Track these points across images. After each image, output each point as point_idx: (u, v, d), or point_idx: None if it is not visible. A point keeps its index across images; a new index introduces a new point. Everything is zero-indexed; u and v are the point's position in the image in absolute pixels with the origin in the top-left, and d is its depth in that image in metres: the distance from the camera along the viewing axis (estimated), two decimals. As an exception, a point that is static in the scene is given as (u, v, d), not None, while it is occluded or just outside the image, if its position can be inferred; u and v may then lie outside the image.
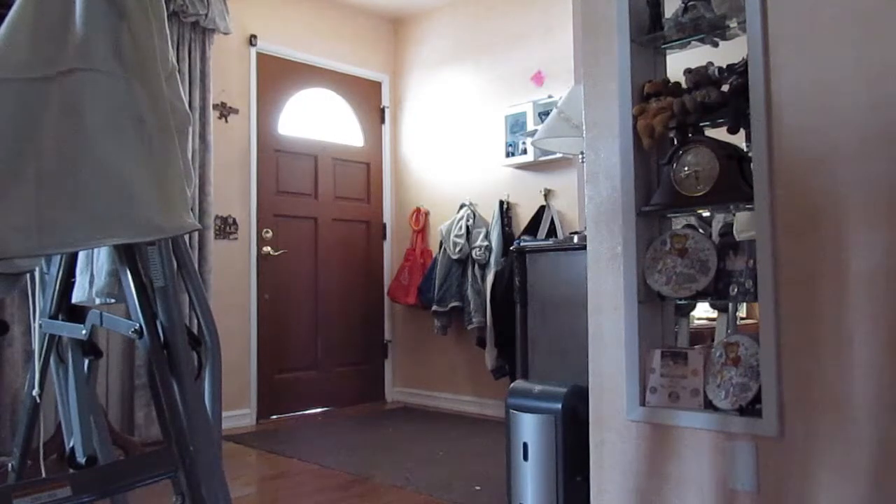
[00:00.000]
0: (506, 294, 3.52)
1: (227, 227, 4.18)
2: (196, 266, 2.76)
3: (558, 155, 3.83)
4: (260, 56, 4.39)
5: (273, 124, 4.49)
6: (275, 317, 4.42)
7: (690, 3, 1.87)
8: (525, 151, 4.24)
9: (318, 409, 4.61)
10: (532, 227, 4.11)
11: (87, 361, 1.47)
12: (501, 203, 4.35)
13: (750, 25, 1.73)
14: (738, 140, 1.85)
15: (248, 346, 4.28)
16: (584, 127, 2.11)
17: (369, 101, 5.03)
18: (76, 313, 1.42)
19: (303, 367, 4.58)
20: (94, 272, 1.30)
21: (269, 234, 4.40)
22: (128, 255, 1.18)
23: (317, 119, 4.77)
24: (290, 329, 4.52)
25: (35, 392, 1.44)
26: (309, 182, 4.67)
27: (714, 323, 2.75)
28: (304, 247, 4.60)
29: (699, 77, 1.84)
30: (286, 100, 4.58)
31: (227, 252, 4.16)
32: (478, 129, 4.58)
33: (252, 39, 4.33)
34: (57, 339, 1.45)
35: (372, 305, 4.96)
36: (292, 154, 4.59)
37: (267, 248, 4.38)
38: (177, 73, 1.24)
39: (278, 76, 4.50)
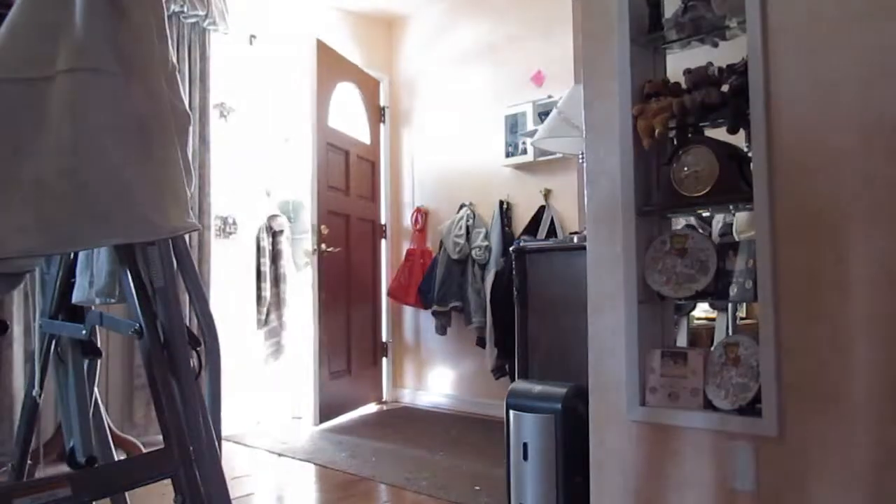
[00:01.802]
0: (506, 294, 3.52)
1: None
2: (197, 265, 2.75)
3: (558, 155, 3.83)
4: (321, 45, 4.30)
5: (324, 118, 4.35)
6: (327, 318, 4.30)
7: (690, 3, 1.87)
8: (525, 151, 4.24)
9: (357, 410, 4.55)
10: (532, 227, 4.11)
11: (86, 361, 1.48)
12: (501, 203, 4.35)
13: (750, 25, 1.73)
14: (738, 140, 1.85)
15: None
16: (584, 127, 2.11)
17: (370, 99, 5.02)
18: (76, 313, 1.42)
19: (342, 370, 4.46)
20: (94, 272, 1.30)
21: (326, 231, 4.27)
22: (128, 255, 1.18)
23: (345, 114, 4.67)
24: (338, 330, 4.41)
25: (35, 392, 1.44)
26: (342, 178, 4.56)
27: (714, 323, 2.75)
28: (341, 244, 4.48)
29: (699, 77, 1.84)
30: (331, 92, 4.45)
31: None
32: (478, 129, 4.58)
33: (251, 39, 4.33)
34: (57, 338, 1.45)
35: (372, 305, 4.94)
36: (336, 149, 4.47)
37: (323, 246, 4.25)
38: (177, 73, 1.24)
39: (325, 68, 4.39)
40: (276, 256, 4.41)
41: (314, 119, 4.24)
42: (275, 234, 4.39)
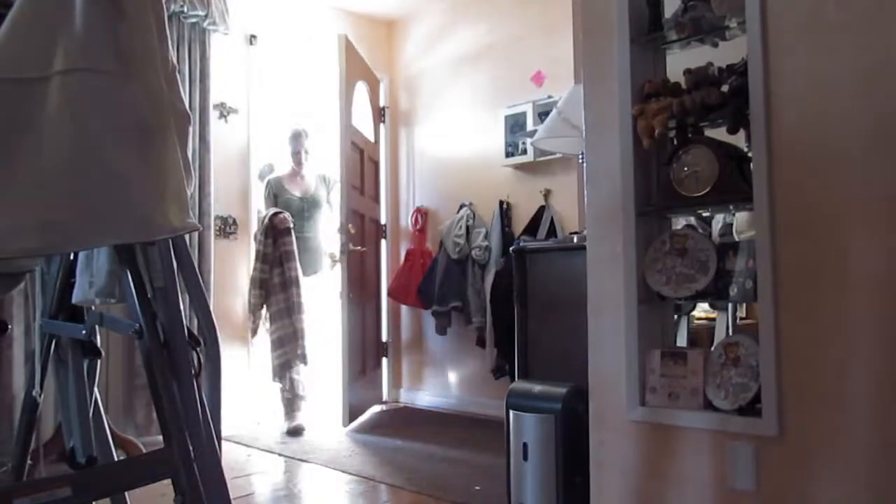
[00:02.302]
0: (506, 294, 3.52)
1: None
2: (197, 265, 2.69)
3: (558, 155, 3.83)
4: (348, 43, 4.26)
5: (349, 116, 4.28)
6: (350, 319, 4.22)
7: (690, 3, 1.87)
8: (525, 151, 4.24)
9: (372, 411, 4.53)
10: (532, 228, 4.11)
11: (86, 361, 1.48)
12: (501, 203, 4.35)
13: (750, 25, 1.73)
14: (738, 140, 1.85)
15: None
16: (583, 127, 2.11)
17: (373, 99, 5.01)
18: (76, 313, 1.42)
19: (359, 371, 4.40)
20: (94, 272, 1.30)
21: (353, 231, 4.20)
22: (128, 255, 1.18)
23: (356, 113, 4.58)
24: (357, 331, 4.34)
25: (35, 392, 1.44)
26: (359, 177, 4.50)
27: (714, 323, 2.75)
28: (358, 244, 4.40)
29: (699, 77, 1.84)
30: (353, 90, 4.39)
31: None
32: (478, 129, 4.58)
33: (252, 39, 4.33)
34: (57, 339, 1.45)
35: (375, 305, 4.93)
36: (356, 148, 4.41)
37: (350, 245, 4.18)
38: (177, 73, 1.24)
39: (349, 66, 4.31)
40: (282, 259, 4.06)
41: (342, 117, 4.18)
42: (277, 235, 4.06)
